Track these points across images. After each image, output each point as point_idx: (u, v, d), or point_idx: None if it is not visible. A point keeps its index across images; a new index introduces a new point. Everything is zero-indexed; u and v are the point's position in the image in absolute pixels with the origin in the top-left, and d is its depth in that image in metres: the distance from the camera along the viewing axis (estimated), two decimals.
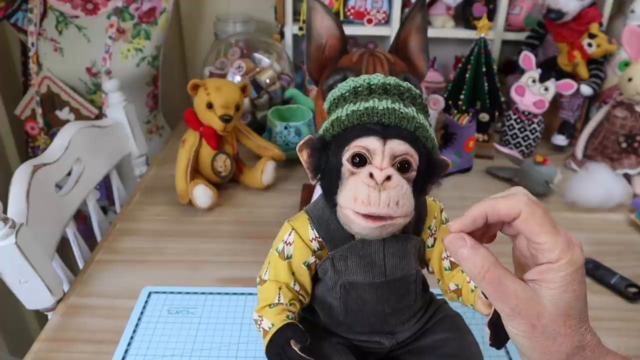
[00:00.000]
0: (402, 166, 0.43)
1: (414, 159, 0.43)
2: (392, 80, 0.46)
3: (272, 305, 0.48)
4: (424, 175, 0.44)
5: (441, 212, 0.52)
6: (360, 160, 0.43)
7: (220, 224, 0.88)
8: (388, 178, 0.41)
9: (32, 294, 0.66)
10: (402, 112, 0.43)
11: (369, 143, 0.42)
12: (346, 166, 0.43)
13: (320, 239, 0.49)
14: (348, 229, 0.44)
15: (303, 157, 0.47)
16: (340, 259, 0.48)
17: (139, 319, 0.66)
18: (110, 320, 0.67)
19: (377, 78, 0.46)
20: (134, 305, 0.69)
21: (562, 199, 0.97)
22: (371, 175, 0.41)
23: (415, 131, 0.44)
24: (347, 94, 0.46)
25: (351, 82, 0.46)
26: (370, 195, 0.40)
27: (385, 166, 0.42)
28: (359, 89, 0.45)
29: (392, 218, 0.41)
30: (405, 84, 0.46)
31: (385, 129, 0.43)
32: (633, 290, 0.74)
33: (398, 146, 0.42)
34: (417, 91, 0.46)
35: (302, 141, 0.46)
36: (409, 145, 0.43)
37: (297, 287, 0.50)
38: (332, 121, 0.45)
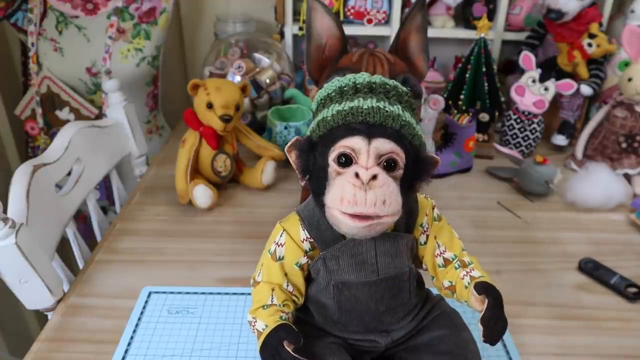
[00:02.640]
0: (389, 165, 0.43)
1: (400, 157, 0.43)
2: (377, 78, 0.46)
3: (265, 307, 0.48)
4: (412, 173, 0.44)
5: (433, 209, 0.52)
6: (346, 160, 0.43)
7: (220, 224, 0.88)
8: (374, 177, 0.41)
9: (32, 294, 0.66)
10: (387, 111, 0.43)
11: (354, 143, 0.42)
12: (332, 166, 0.43)
13: (312, 240, 0.49)
14: (337, 229, 0.44)
15: (292, 158, 0.47)
16: (332, 258, 0.49)
17: (139, 319, 0.66)
18: (110, 320, 0.67)
19: (363, 77, 0.46)
20: (133, 305, 0.69)
21: (562, 199, 0.97)
22: (357, 174, 0.41)
23: (400, 129, 0.44)
24: (333, 93, 0.46)
25: (337, 82, 0.46)
26: (356, 195, 0.40)
27: (371, 165, 0.42)
28: (345, 88, 0.45)
29: (380, 217, 0.41)
30: (392, 82, 0.46)
31: (370, 128, 0.43)
32: (633, 290, 0.73)
33: (383, 145, 0.42)
34: (404, 89, 0.46)
35: (290, 142, 0.46)
36: (394, 143, 0.43)
37: (290, 288, 0.50)
38: (318, 122, 0.45)
